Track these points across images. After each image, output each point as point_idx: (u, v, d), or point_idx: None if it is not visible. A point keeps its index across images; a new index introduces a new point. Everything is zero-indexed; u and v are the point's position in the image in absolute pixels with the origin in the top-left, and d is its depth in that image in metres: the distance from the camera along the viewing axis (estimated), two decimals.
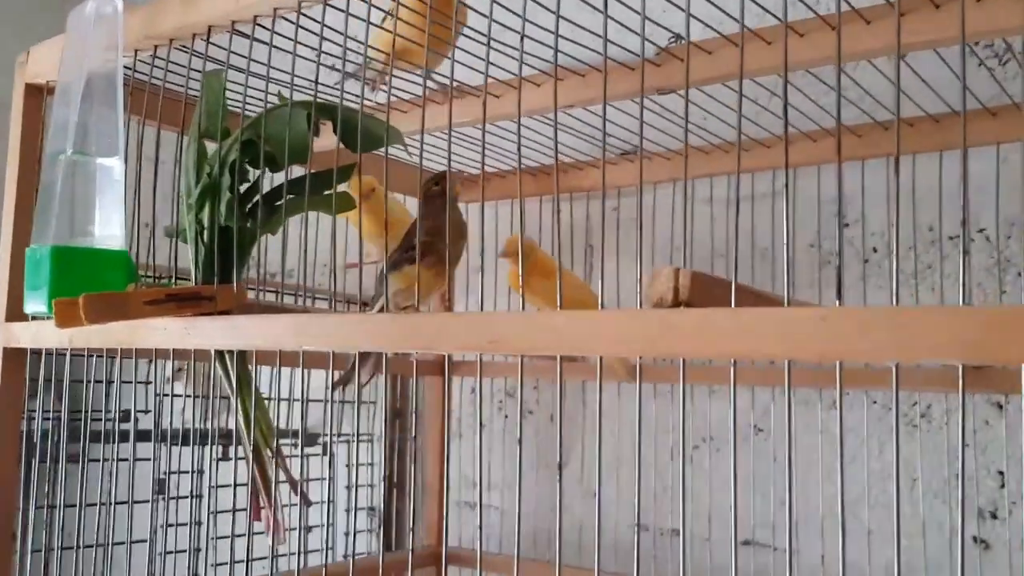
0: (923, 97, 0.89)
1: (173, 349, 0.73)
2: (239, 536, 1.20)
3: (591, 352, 0.50)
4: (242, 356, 0.71)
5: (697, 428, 1.14)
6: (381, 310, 0.97)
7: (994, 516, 0.95)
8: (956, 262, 1.00)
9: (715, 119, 1.01)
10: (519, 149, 0.63)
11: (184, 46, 0.77)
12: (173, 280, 0.73)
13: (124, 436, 1.16)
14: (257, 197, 0.71)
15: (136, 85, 0.79)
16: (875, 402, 1.04)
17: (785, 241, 0.46)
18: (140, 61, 0.79)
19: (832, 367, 0.44)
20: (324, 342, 0.61)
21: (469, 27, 0.75)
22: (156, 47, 0.77)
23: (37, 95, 0.88)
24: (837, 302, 0.44)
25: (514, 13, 0.63)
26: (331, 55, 0.69)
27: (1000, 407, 0.96)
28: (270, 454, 0.71)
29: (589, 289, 1.15)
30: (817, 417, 1.06)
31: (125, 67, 0.78)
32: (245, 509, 1.21)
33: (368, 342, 0.59)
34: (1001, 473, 0.95)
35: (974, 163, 0.94)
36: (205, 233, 0.70)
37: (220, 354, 0.71)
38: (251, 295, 1.21)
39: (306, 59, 0.68)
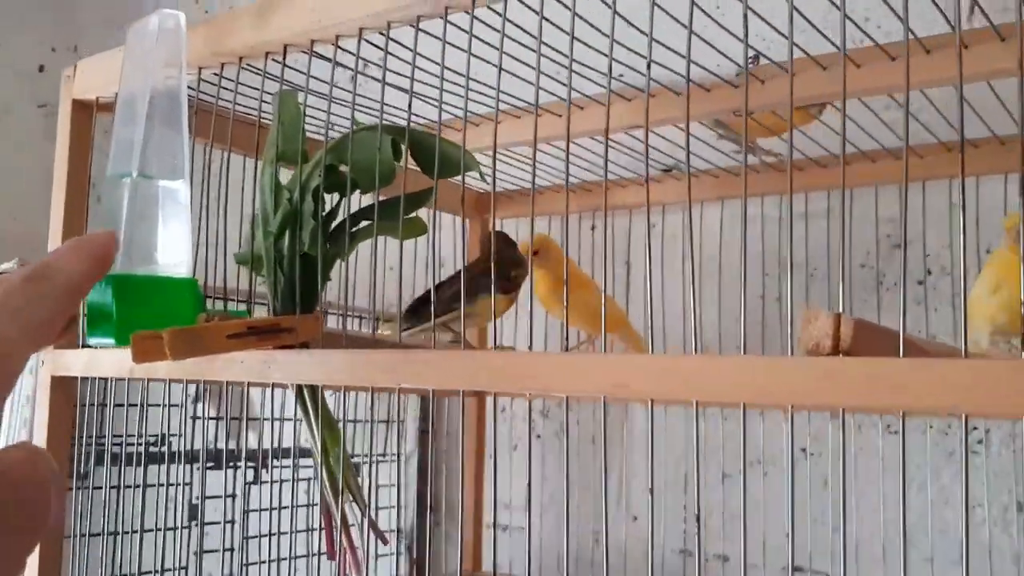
0: (991, 117, 0.88)
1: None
2: (274, 561, 1.17)
3: (733, 400, 0.47)
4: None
5: (748, 452, 1.12)
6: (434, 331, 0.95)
7: None
8: None
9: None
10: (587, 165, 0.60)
11: (252, 65, 0.74)
12: (251, 309, 0.70)
13: (150, 459, 1.13)
14: (337, 222, 0.68)
15: (200, 106, 0.76)
16: (931, 427, 1.02)
17: (962, 277, 0.44)
18: (204, 80, 0.76)
19: None
20: (424, 380, 0.58)
21: (549, 46, 0.72)
22: (223, 65, 0.74)
23: (86, 111, 0.84)
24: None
25: (600, 31, 0.61)
26: (424, 83, 0.66)
27: None
28: (352, 498, 0.68)
29: (613, 302, 1.13)
30: (872, 441, 1.04)
31: (189, 87, 0.74)
32: (276, 533, 1.18)
33: (472, 381, 0.56)
34: None
35: None
36: (284, 262, 0.67)
37: (300, 390, 0.68)
38: None
39: (397, 88, 0.65)
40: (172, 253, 0.73)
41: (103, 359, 0.77)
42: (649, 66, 0.56)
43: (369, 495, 0.68)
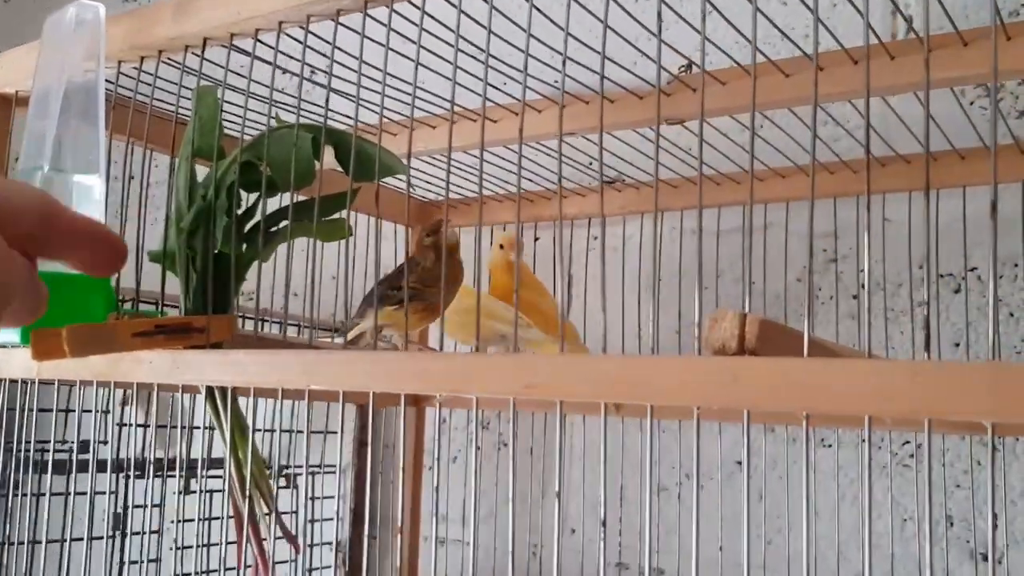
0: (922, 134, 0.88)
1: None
2: (202, 574, 1.14)
3: (644, 401, 0.46)
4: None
5: (682, 464, 1.12)
6: (357, 338, 0.93)
7: (985, 558, 0.94)
8: (947, 300, 0.99)
9: (708, 148, 0.99)
10: (519, 176, 0.59)
11: (172, 59, 0.72)
12: (161, 310, 0.68)
13: (78, 467, 1.10)
14: (254, 222, 0.66)
15: (119, 102, 0.74)
16: (863, 440, 1.02)
17: (866, 284, 0.44)
18: (123, 75, 0.74)
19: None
20: (335, 381, 0.56)
21: (473, 44, 0.71)
22: (143, 59, 0.72)
23: (5, 106, 0.82)
24: (927, 355, 0.41)
25: (520, 27, 0.60)
26: (343, 79, 0.65)
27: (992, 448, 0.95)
28: (262, 500, 0.66)
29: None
30: (804, 454, 1.04)
31: (108, 81, 0.72)
32: (207, 545, 1.15)
33: (384, 383, 0.55)
34: (994, 514, 0.94)
35: (968, 202, 0.94)
36: (198, 259, 0.65)
37: (210, 391, 0.66)
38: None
39: (317, 84, 0.64)
40: None
41: (12, 359, 0.75)
42: (564, 63, 0.55)
43: (275, 503, 0.66)
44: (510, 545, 0.56)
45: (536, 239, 1.27)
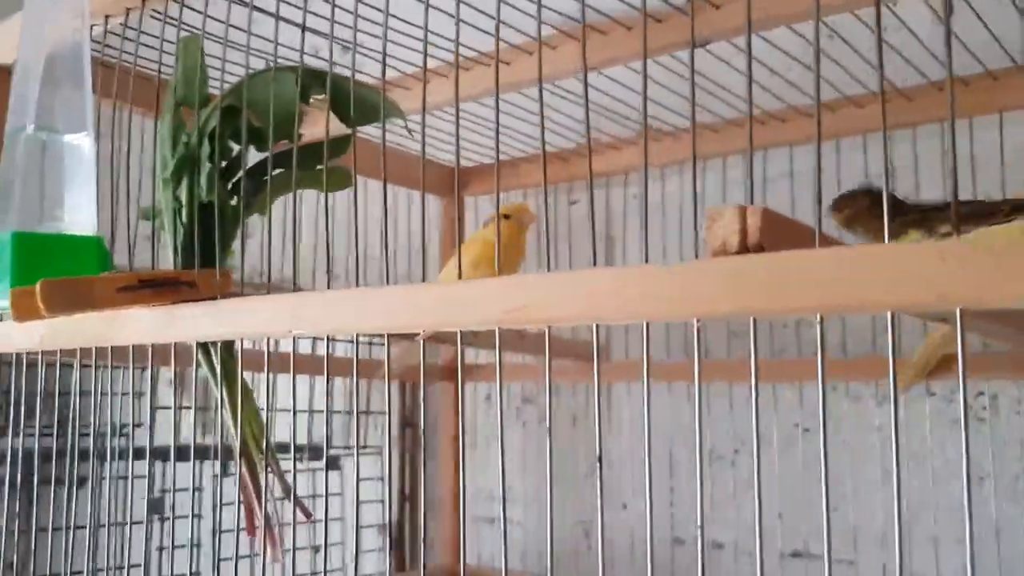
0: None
1: (152, 346, 0.65)
2: (243, 557, 1.11)
3: (639, 318, 0.41)
4: (228, 346, 0.63)
5: (737, 431, 1.05)
6: None
7: None
8: None
9: (729, 93, 0.93)
10: (542, 126, 0.54)
11: (157, 11, 0.69)
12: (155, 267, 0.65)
13: (115, 454, 1.08)
14: (241, 172, 0.62)
15: (104, 62, 0.71)
16: (934, 393, 0.94)
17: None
18: (111, 32, 0.71)
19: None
20: (319, 325, 0.52)
21: None
22: (128, 11, 0.69)
23: (2, 75, 0.80)
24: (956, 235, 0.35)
25: None
26: (318, 15, 0.61)
27: None
28: (260, 456, 0.62)
29: None
30: (870, 413, 0.96)
31: (95, 41, 0.70)
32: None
33: (367, 322, 0.50)
34: None
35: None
36: (183, 211, 0.61)
37: (204, 346, 0.62)
38: None
39: (292, 23, 0.60)
40: (76, 210, 0.68)
41: (16, 331, 0.72)
42: None
43: (279, 467, 0.62)
44: (545, 522, 0.51)
45: (572, 203, 1.21)
